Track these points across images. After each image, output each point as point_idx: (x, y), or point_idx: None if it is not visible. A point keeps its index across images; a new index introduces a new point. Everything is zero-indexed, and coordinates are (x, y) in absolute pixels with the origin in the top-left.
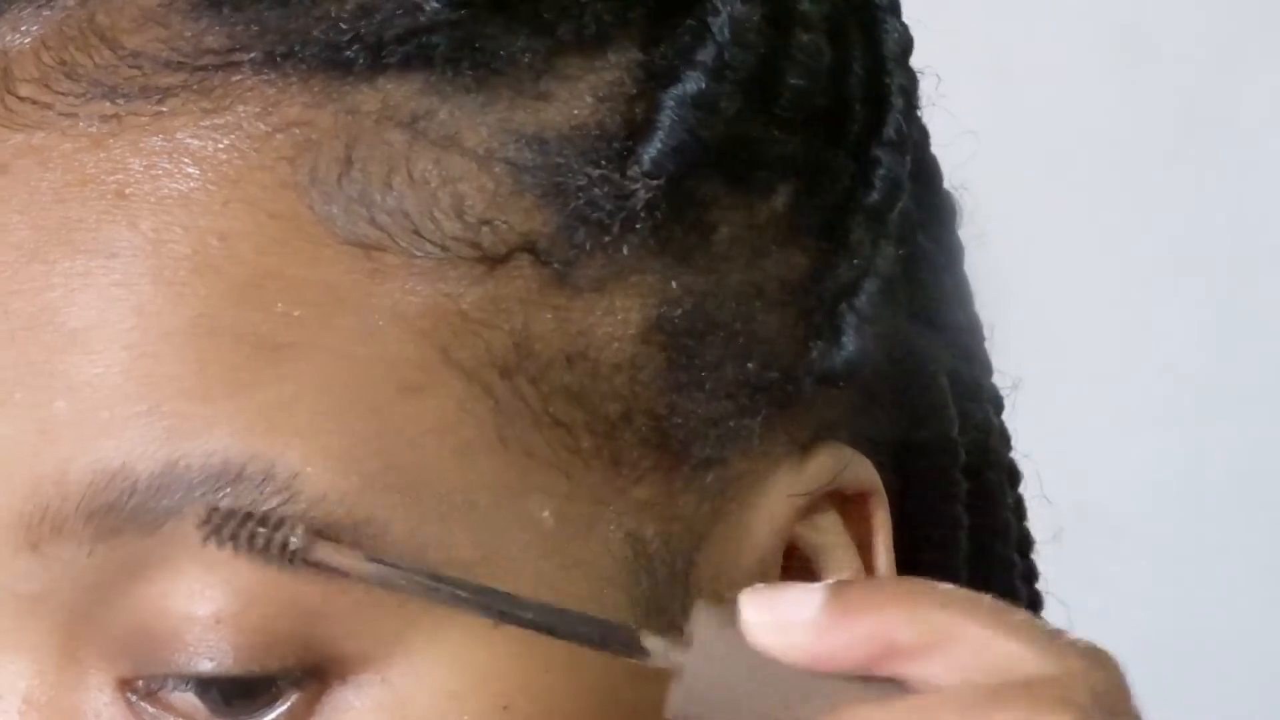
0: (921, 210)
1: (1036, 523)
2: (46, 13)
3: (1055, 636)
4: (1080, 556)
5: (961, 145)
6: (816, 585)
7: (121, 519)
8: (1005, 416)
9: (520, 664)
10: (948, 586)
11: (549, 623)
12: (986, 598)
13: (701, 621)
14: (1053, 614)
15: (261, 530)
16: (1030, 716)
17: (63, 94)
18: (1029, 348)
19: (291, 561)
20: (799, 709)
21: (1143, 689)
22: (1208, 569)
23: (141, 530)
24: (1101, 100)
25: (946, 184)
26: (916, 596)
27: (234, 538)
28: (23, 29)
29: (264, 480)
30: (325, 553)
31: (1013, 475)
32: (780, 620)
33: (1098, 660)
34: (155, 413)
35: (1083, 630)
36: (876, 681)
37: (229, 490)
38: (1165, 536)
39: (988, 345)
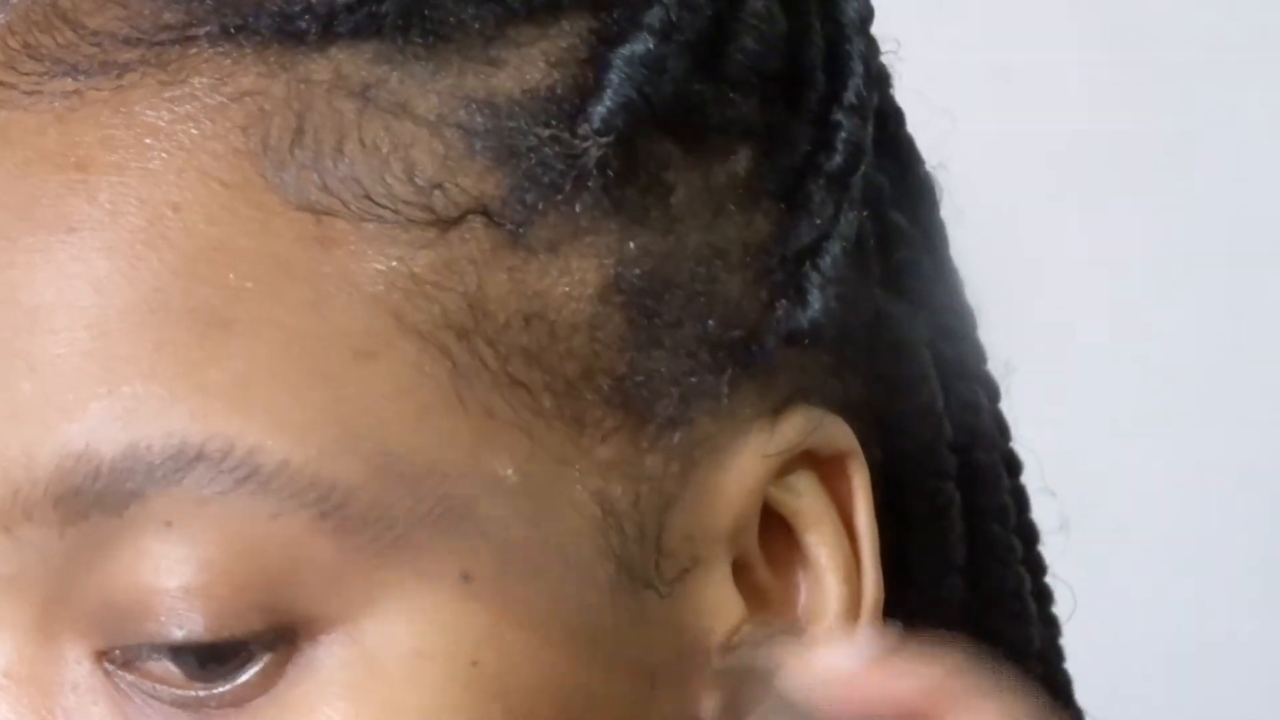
0: (896, 188)
1: (1040, 516)
2: (13, 0)
3: None
4: (1080, 556)
5: (938, 124)
6: (869, 640)
7: (87, 503)
8: (1004, 393)
9: (489, 621)
10: (982, 669)
11: None
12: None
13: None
14: (1062, 608)
15: None
16: None
17: (26, 74)
18: (1028, 347)
19: None
20: None
21: (1143, 689)
22: (1208, 569)
23: (106, 513)
24: (1101, 100)
25: (926, 165)
26: (944, 659)
27: None
28: None
29: (224, 458)
30: None
31: (1010, 463)
32: (832, 666)
33: None
34: (115, 394)
35: (1083, 630)
36: None
37: (191, 470)
38: (1165, 536)
39: (980, 333)
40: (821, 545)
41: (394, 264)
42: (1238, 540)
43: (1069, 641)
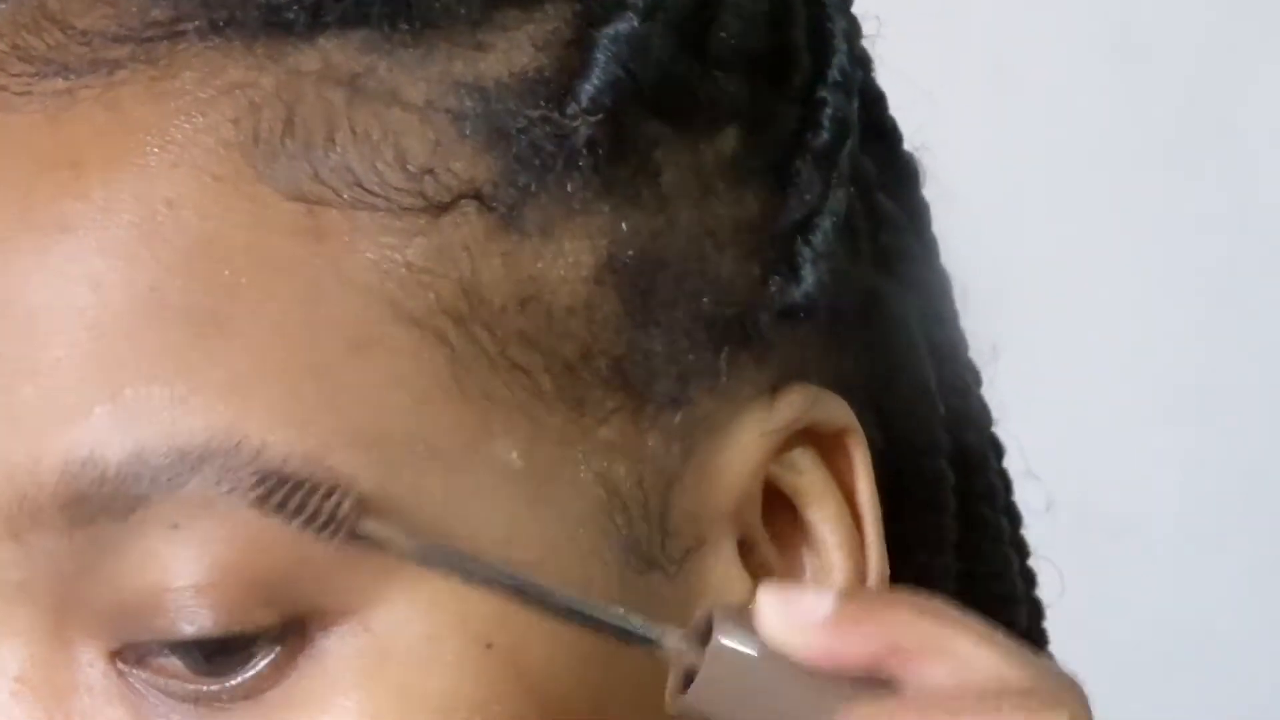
0: (882, 171)
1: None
2: (2, 6)
3: (1035, 657)
4: (1080, 556)
5: (919, 108)
6: (829, 589)
7: (94, 508)
8: (1004, 418)
9: (498, 603)
10: (941, 602)
11: (572, 613)
12: (974, 617)
13: (716, 621)
14: (1047, 592)
15: (310, 501)
16: (1031, 714)
17: (16, 75)
18: (1028, 347)
19: (336, 533)
20: (804, 710)
21: (1143, 689)
22: (1208, 569)
23: (113, 517)
24: (1101, 100)
25: (906, 146)
26: (919, 605)
27: (283, 506)
28: None
29: (227, 458)
30: (371, 528)
31: (995, 445)
32: (795, 619)
33: (1074, 684)
34: (117, 398)
35: (1083, 629)
36: (876, 687)
37: (196, 472)
38: (1165, 536)
39: (963, 321)
40: (825, 521)
41: (387, 252)
42: (1238, 540)
43: (1069, 642)
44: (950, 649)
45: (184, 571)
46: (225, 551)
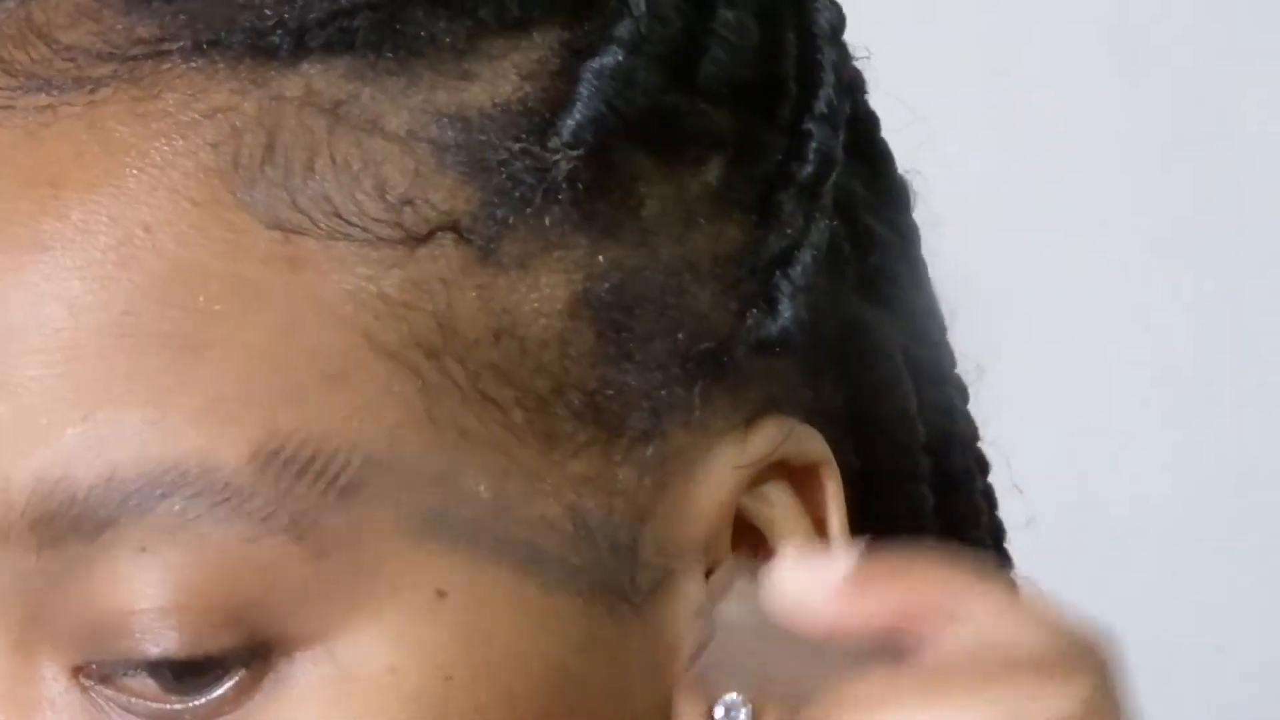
0: (871, 193)
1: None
2: None
3: (1060, 621)
4: (1080, 556)
5: (913, 132)
6: (843, 555)
7: (64, 528)
8: (1004, 418)
9: (462, 637)
10: (962, 565)
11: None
12: (1000, 583)
13: (729, 581)
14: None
15: None
16: (1043, 686)
17: (1, 89)
18: (1028, 347)
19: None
20: (815, 675)
21: (1142, 688)
22: (1208, 569)
23: (82, 538)
24: (1100, 100)
25: (899, 168)
26: (938, 569)
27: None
28: None
29: (197, 484)
30: None
31: (981, 463)
32: (807, 585)
33: (1096, 653)
34: (90, 420)
35: None
36: (887, 655)
37: (166, 497)
38: (1165, 536)
39: (950, 335)
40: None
41: (364, 283)
42: (1238, 540)
43: None
44: (967, 614)
45: (150, 594)
46: (192, 576)
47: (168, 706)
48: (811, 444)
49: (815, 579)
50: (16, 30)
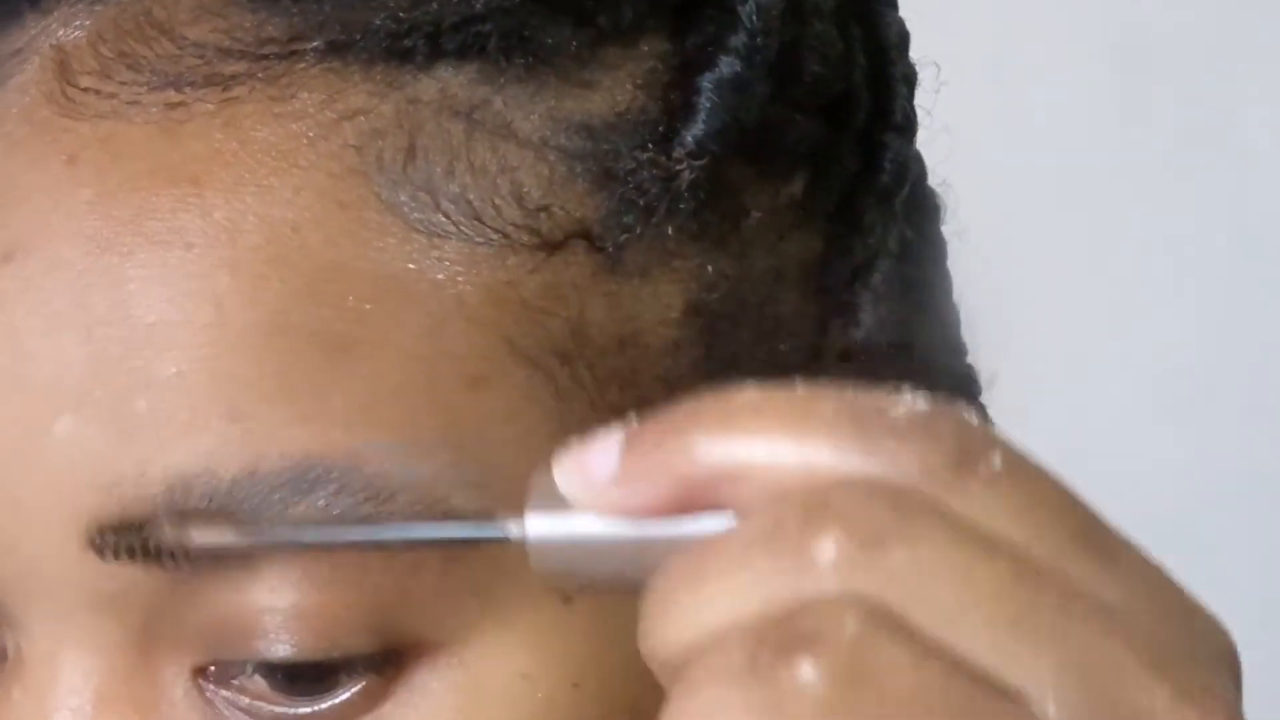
0: (907, 202)
1: None
2: (99, 7)
3: (873, 418)
4: None
5: (940, 142)
6: (615, 435)
7: (201, 524)
8: (1004, 419)
9: (590, 643)
10: (747, 391)
11: (410, 539)
12: (792, 390)
13: (535, 486)
14: None
15: (136, 538)
16: (800, 540)
17: (126, 83)
18: (1027, 347)
19: (174, 559)
20: (637, 561)
21: None
22: (1208, 568)
23: None
24: (1101, 100)
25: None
26: (698, 418)
27: (115, 552)
28: (75, 24)
29: (344, 482)
30: (202, 538)
31: None
32: (589, 480)
33: (936, 422)
34: (234, 415)
35: None
36: (713, 517)
37: (309, 494)
38: (1165, 536)
39: (968, 347)
40: None
41: (504, 288)
42: (1238, 540)
43: None
44: (748, 466)
45: (288, 591)
46: (330, 574)
47: (292, 710)
48: None
49: (591, 473)
50: (135, 25)
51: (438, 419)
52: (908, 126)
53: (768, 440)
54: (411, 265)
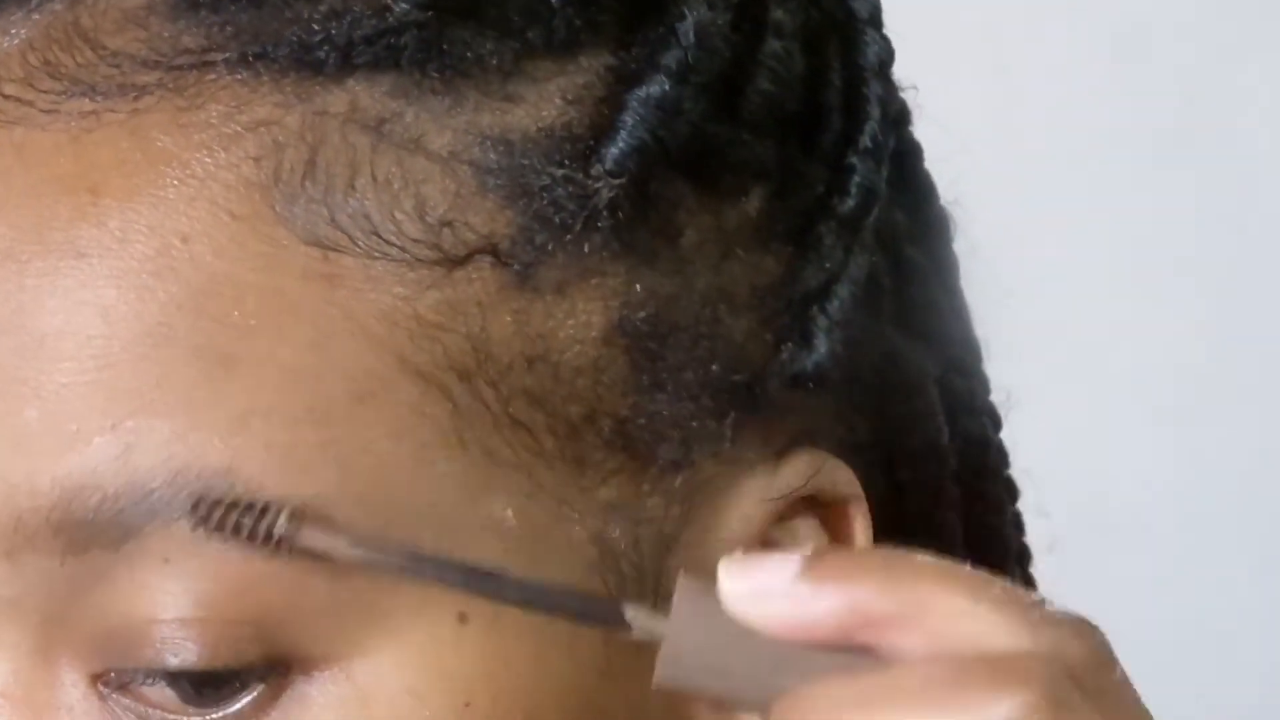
0: (913, 223)
1: (1033, 533)
2: (36, 16)
3: (1033, 609)
4: (1080, 556)
5: (956, 161)
6: (794, 554)
7: (88, 535)
8: (1005, 419)
9: (482, 662)
10: (927, 557)
11: (529, 598)
12: (965, 568)
13: (683, 591)
14: (1046, 592)
15: (247, 518)
16: (991, 694)
17: (44, 91)
18: (1028, 347)
19: (278, 547)
20: (776, 678)
21: (1142, 687)
22: (1208, 568)
23: (106, 546)
24: (1101, 99)
25: (941, 199)
26: (892, 566)
27: (220, 526)
28: (11, 32)
29: (221, 492)
30: (311, 538)
31: (1010, 490)
32: (757, 589)
33: (1076, 632)
34: (119, 428)
35: None
36: (852, 653)
37: (187, 505)
38: (1165, 536)
39: (985, 363)
40: None
41: (399, 304)
42: (1238, 540)
43: None
44: (922, 617)
45: (172, 604)
46: (214, 588)
47: (185, 718)
48: (842, 479)
49: (761, 582)
50: (64, 34)
51: (320, 433)
52: (878, 150)
53: (948, 600)
54: (301, 280)
